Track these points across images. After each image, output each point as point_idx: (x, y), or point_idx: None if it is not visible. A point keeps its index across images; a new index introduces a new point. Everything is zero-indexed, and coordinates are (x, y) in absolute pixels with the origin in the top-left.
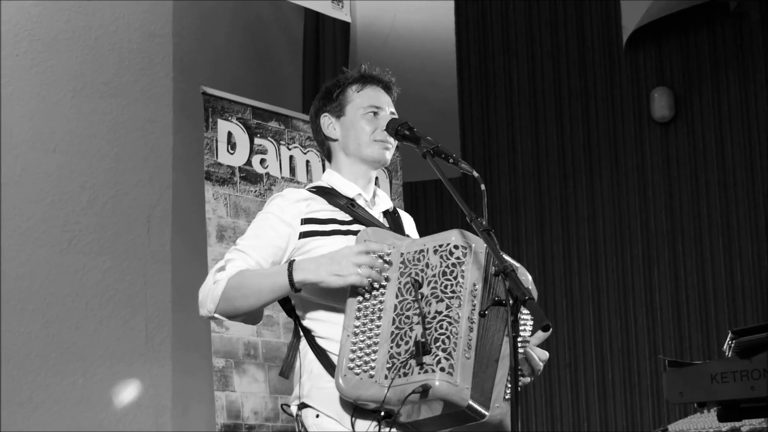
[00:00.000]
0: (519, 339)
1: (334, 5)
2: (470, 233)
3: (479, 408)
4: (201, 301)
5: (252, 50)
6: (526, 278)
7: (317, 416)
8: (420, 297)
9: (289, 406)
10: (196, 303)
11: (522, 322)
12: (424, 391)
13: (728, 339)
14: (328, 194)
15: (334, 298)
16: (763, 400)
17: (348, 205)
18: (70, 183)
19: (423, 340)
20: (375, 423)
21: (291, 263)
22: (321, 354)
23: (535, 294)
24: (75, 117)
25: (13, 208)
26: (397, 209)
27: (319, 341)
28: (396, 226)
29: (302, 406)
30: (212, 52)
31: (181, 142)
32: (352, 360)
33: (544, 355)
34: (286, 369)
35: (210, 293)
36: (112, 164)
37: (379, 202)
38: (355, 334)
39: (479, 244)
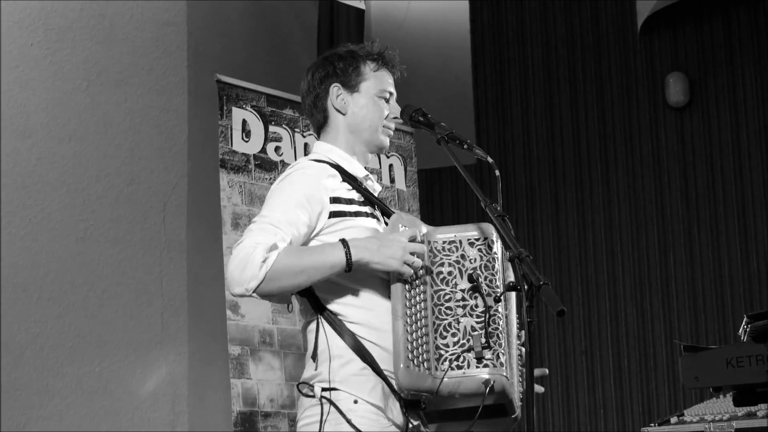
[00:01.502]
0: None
1: None
2: (488, 226)
3: (515, 404)
4: (237, 278)
5: (266, 37)
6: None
7: (355, 402)
8: (481, 291)
9: (310, 387)
10: (211, 291)
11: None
12: (490, 387)
13: (744, 323)
14: (339, 171)
15: (366, 281)
16: None
17: (357, 185)
18: (85, 172)
19: (477, 333)
20: (395, 408)
21: (344, 242)
22: (353, 340)
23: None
24: (90, 106)
25: (28, 197)
26: None
27: (349, 326)
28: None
29: (332, 389)
30: (226, 39)
31: (195, 130)
32: (412, 351)
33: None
34: (316, 353)
35: (253, 271)
36: (127, 153)
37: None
38: (410, 324)
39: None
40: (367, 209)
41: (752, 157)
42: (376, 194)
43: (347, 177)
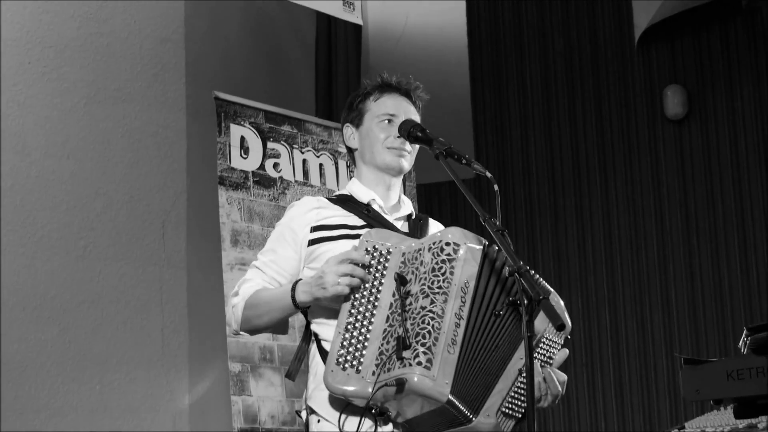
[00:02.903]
0: (544, 358)
1: (345, 8)
2: (471, 233)
3: (462, 407)
4: (227, 321)
5: (264, 54)
6: (559, 305)
7: (318, 421)
8: (405, 293)
9: (300, 412)
10: (211, 307)
11: (548, 343)
12: (400, 384)
13: (744, 336)
14: (346, 202)
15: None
16: None
17: (364, 210)
18: (84, 189)
19: (403, 335)
20: (366, 421)
21: (295, 285)
22: (324, 356)
23: (568, 324)
24: (88, 124)
25: (28, 215)
26: (429, 218)
27: (323, 344)
28: (420, 232)
29: (309, 410)
30: (224, 56)
31: (194, 147)
32: (341, 355)
33: (563, 377)
34: (293, 371)
35: (232, 316)
36: (126, 170)
37: (403, 207)
38: (346, 330)
39: (477, 242)
40: (364, 231)
41: (751, 169)
42: (388, 216)
43: (351, 204)
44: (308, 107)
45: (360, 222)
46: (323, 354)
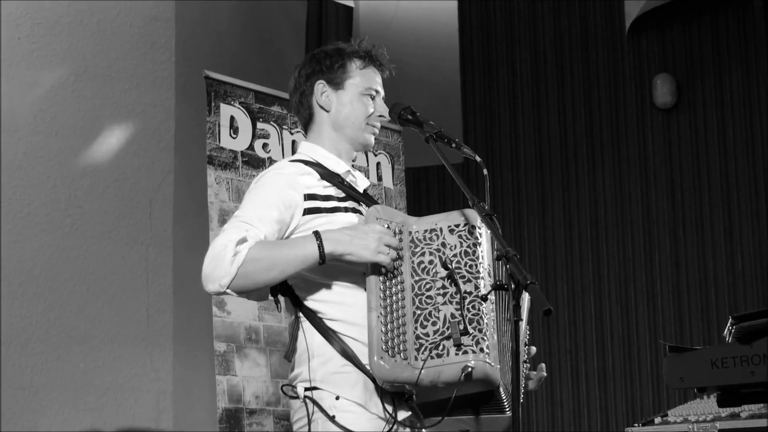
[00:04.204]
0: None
1: None
2: (472, 212)
3: (503, 394)
4: (210, 275)
5: (255, 34)
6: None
7: (337, 398)
8: (455, 277)
9: (293, 388)
10: (197, 287)
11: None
12: (467, 373)
13: (729, 324)
14: (318, 168)
15: (343, 277)
16: (763, 385)
17: (338, 181)
18: (71, 167)
19: (457, 319)
20: (392, 406)
21: (317, 234)
22: (332, 337)
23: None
24: (77, 101)
25: (14, 192)
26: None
27: (329, 323)
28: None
29: (313, 388)
30: (215, 36)
31: (183, 126)
32: (386, 342)
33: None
34: (291, 352)
35: (224, 267)
36: (114, 148)
37: (358, 179)
38: (385, 315)
39: (483, 225)
40: (348, 204)
41: (738, 159)
42: (361, 189)
43: (327, 174)
44: None
45: (341, 194)
46: (328, 335)
